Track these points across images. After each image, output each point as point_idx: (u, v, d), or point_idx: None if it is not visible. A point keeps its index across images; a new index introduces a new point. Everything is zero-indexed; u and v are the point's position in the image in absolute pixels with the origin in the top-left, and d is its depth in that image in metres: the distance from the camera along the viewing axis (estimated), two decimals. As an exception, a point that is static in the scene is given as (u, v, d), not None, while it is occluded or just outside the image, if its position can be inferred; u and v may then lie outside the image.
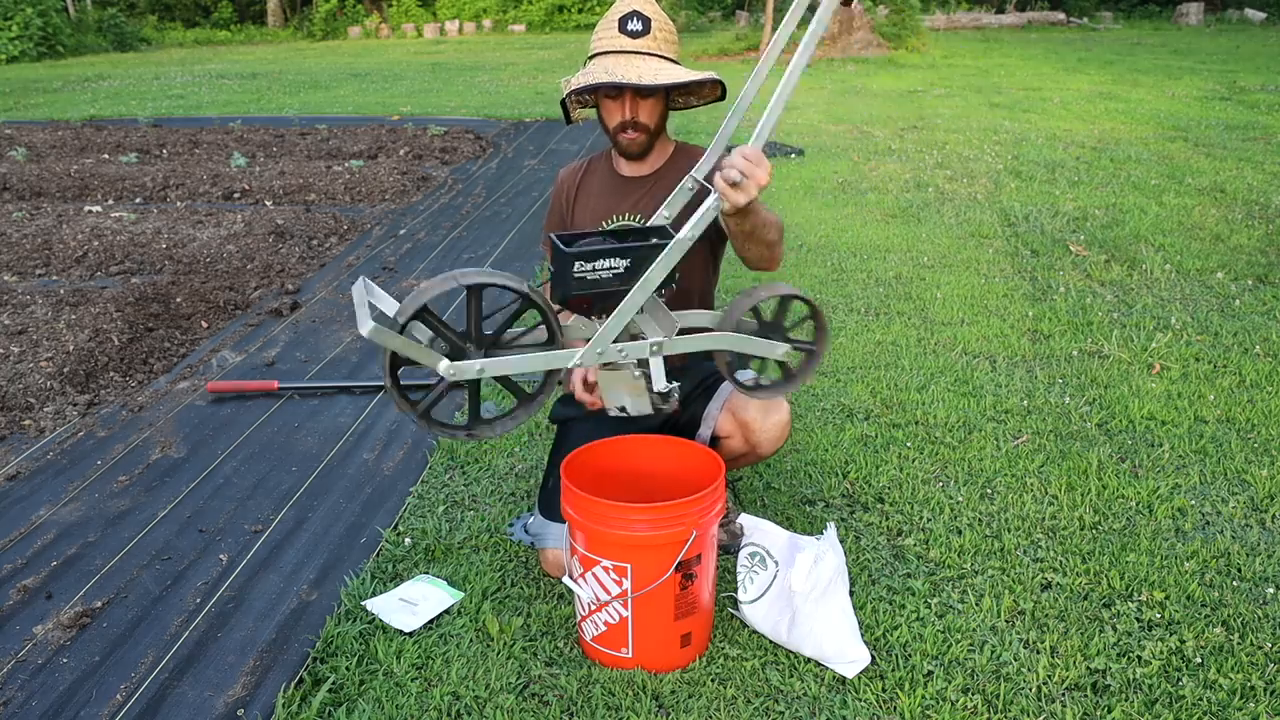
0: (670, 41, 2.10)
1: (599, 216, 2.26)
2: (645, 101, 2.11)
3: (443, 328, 1.63)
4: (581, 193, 2.32)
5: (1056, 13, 25.13)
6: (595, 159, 2.36)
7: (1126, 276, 4.39)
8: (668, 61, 2.08)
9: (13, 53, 19.41)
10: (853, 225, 5.35)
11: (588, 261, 1.63)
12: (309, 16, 28.44)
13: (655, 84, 2.02)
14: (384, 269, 4.81)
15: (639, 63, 2.04)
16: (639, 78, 2.01)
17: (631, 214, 2.23)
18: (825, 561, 1.96)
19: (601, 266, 1.64)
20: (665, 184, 2.17)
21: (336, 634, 2.06)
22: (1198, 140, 7.78)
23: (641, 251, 1.65)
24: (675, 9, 19.62)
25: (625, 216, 2.23)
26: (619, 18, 2.06)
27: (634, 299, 1.66)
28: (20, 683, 1.94)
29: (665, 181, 2.18)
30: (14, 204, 6.13)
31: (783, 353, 1.82)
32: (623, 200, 2.25)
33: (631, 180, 2.26)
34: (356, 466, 2.83)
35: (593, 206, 2.29)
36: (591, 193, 2.31)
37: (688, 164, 2.16)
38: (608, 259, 1.64)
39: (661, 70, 2.04)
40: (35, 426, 3.10)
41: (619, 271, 1.65)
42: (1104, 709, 1.82)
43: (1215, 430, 2.91)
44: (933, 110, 9.82)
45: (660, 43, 2.08)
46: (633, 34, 2.05)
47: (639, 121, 2.12)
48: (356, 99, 11.96)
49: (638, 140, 2.16)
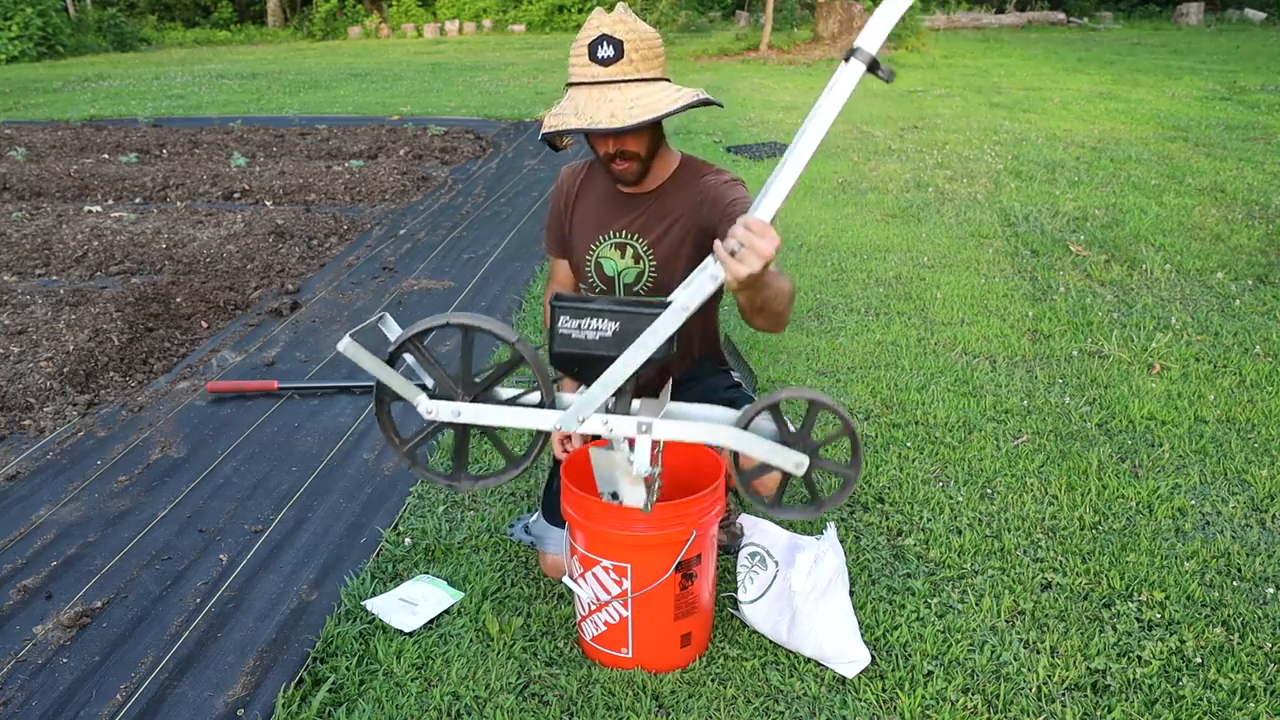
0: (650, 57, 1.90)
1: (595, 230, 2.17)
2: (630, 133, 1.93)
3: (433, 366, 1.62)
4: (581, 198, 2.21)
5: (1056, 13, 25.13)
6: (594, 163, 2.24)
7: (1126, 276, 4.39)
8: (648, 84, 1.88)
9: (13, 53, 19.41)
10: (853, 225, 5.35)
11: (574, 319, 1.55)
12: (309, 16, 28.43)
13: (628, 126, 1.84)
14: (384, 269, 4.81)
15: (613, 95, 1.86)
16: (611, 116, 1.84)
17: (628, 232, 2.12)
18: (825, 561, 1.97)
19: (588, 326, 1.54)
20: (668, 202, 2.10)
21: (336, 634, 2.06)
22: (1198, 140, 7.78)
23: (633, 317, 1.52)
24: (675, 9, 19.61)
25: (621, 234, 2.13)
26: (588, 44, 1.87)
27: (622, 367, 1.54)
28: (20, 683, 1.94)
29: (668, 199, 2.10)
30: (14, 204, 6.13)
31: (797, 466, 1.59)
32: (620, 217, 2.13)
33: (632, 197, 2.13)
34: (356, 466, 2.83)
35: (590, 217, 2.18)
36: (590, 200, 2.19)
37: (692, 182, 2.08)
38: (595, 319, 1.54)
39: (639, 100, 1.86)
40: (35, 426, 3.10)
41: (606, 335, 1.54)
42: (1104, 709, 1.82)
43: (1215, 430, 2.91)
44: (933, 110, 9.82)
45: (637, 64, 1.87)
46: (604, 61, 1.86)
47: (627, 151, 1.98)
48: (356, 99, 11.96)
49: (630, 170, 2.02)
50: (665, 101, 1.86)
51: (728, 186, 2.05)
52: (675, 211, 2.09)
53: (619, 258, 2.14)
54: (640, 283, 2.14)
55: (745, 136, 8.35)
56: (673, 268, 2.09)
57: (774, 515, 1.73)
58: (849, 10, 16.27)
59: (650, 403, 1.64)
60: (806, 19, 18.70)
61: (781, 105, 10.40)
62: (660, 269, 2.12)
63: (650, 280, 2.13)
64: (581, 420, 1.59)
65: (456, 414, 1.62)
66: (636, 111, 1.84)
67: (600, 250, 2.16)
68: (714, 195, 2.04)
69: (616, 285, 2.16)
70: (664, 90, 1.89)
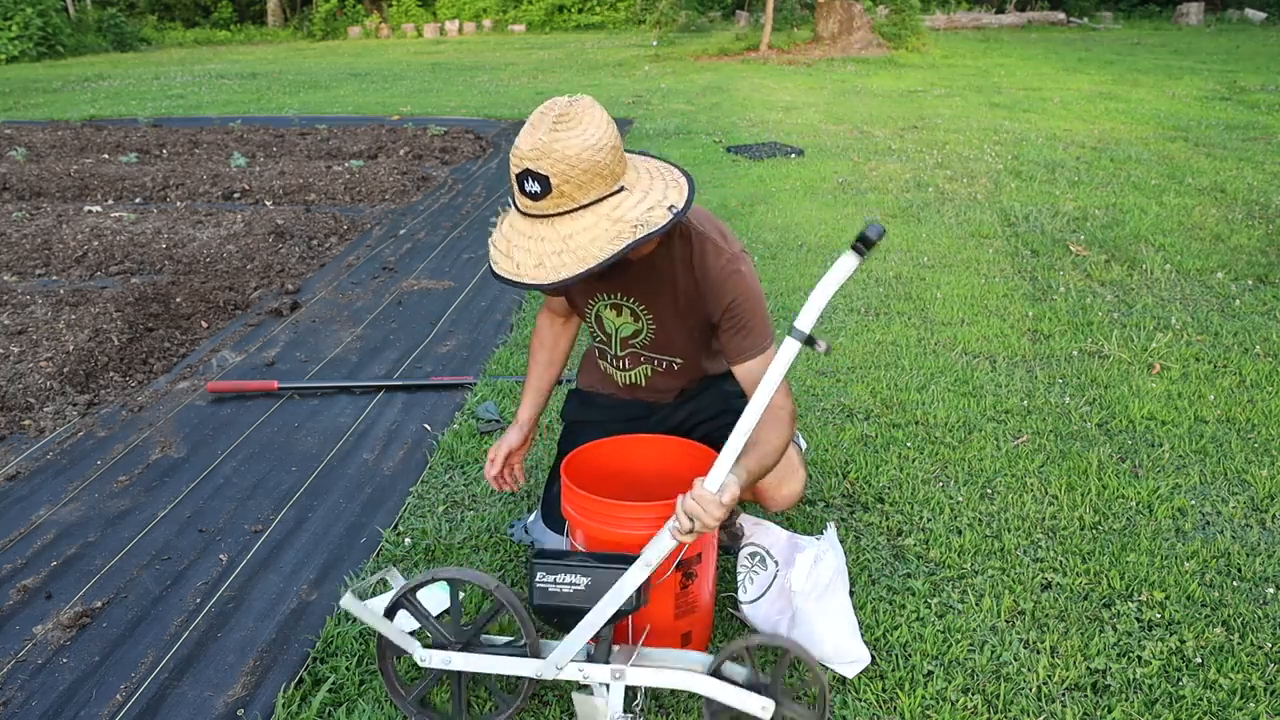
0: (585, 183, 1.63)
1: (588, 290, 2.05)
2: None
3: (425, 620, 1.77)
4: None
5: (1056, 13, 25.13)
6: None
7: (1126, 276, 4.39)
8: (586, 212, 1.65)
9: (13, 53, 19.42)
10: (853, 225, 5.34)
11: (550, 574, 1.68)
12: (309, 16, 28.45)
13: (546, 284, 1.64)
14: (384, 269, 4.81)
15: (544, 232, 1.65)
16: (537, 266, 1.64)
17: (621, 294, 2.01)
18: (825, 561, 1.97)
19: (563, 581, 1.68)
20: (659, 264, 1.94)
21: (336, 634, 2.06)
22: (1198, 140, 7.78)
23: (603, 573, 1.66)
24: (675, 9, 19.61)
25: (615, 295, 2.02)
26: (515, 175, 1.66)
27: (595, 616, 1.65)
28: (20, 683, 1.94)
29: (659, 260, 1.93)
30: (14, 204, 6.13)
31: (763, 709, 1.65)
32: (610, 280, 1.97)
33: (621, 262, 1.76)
34: (356, 466, 2.83)
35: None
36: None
37: (687, 249, 1.91)
38: (569, 574, 1.67)
39: (570, 241, 1.63)
40: (35, 426, 3.10)
41: (579, 588, 1.67)
42: (1104, 709, 1.82)
43: (1215, 430, 2.91)
44: (933, 110, 9.82)
45: (571, 193, 1.63)
46: (532, 196, 1.65)
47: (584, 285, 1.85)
48: (356, 99, 11.96)
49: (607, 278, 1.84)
50: (599, 243, 1.63)
51: (729, 279, 1.90)
52: (669, 276, 1.95)
53: (615, 317, 2.07)
54: (639, 338, 2.07)
55: (745, 136, 8.35)
56: (671, 327, 2.03)
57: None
58: (849, 10, 16.27)
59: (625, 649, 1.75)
60: (806, 19, 18.69)
61: (781, 105, 10.40)
62: (660, 328, 2.04)
63: (649, 336, 2.06)
64: (560, 668, 1.70)
65: (448, 662, 1.76)
66: (565, 259, 1.63)
67: (598, 307, 2.07)
68: (715, 291, 1.91)
69: (614, 340, 2.11)
70: (602, 223, 1.65)
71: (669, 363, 2.10)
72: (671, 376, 2.13)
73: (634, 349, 2.10)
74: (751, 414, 1.55)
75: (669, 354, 2.08)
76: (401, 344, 3.82)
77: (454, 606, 1.79)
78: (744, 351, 1.93)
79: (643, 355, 2.10)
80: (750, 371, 1.93)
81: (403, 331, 3.96)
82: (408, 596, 1.77)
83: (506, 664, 1.74)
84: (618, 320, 2.07)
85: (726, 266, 1.89)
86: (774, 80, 12.96)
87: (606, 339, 2.12)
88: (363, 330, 3.97)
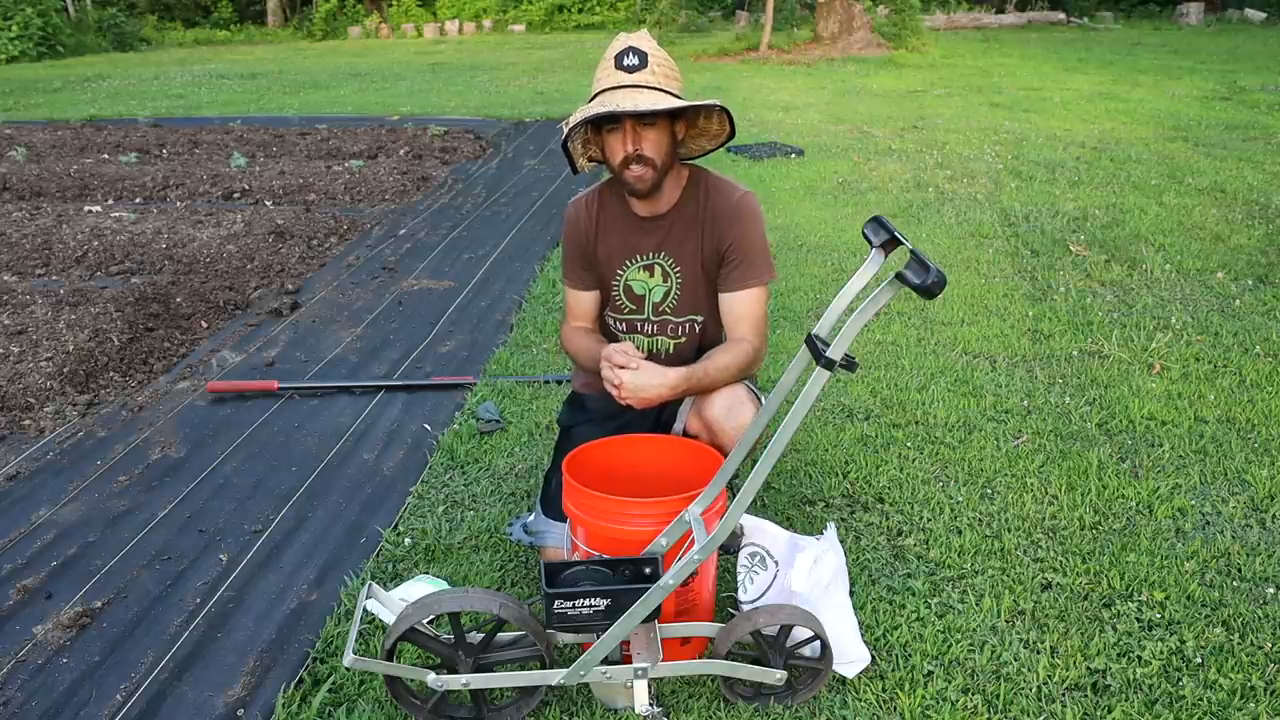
0: (670, 76, 2.05)
1: (623, 255, 2.24)
2: (648, 133, 2.03)
3: (430, 643, 1.76)
4: (602, 231, 2.25)
5: (1056, 12, 25.11)
6: (604, 190, 2.27)
7: (1126, 276, 4.39)
8: (668, 95, 2.02)
9: (13, 53, 19.41)
10: (853, 225, 5.34)
11: (568, 600, 1.70)
12: (309, 16, 28.43)
13: (653, 109, 1.97)
14: (384, 269, 4.81)
15: (636, 94, 2.00)
16: (635, 105, 1.97)
17: (654, 253, 2.21)
18: (825, 561, 1.97)
19: (582, 604, 1.71)
20: (684, 219, 2.19)
21: (336, 634, 2.06)
22: (1198, 140, 7.78)
23: (622, 593, 1.70)
24: (675, 9, 19.61)
25: (649, 255, 2.22)
26: (614, 54, 2.03)
27: (619, 629, 1.70)
28: (20, 683, 1.95)
29: (684, 216, 2.19)
30: (14, 204, 6.13)
31: (778, 679, 1.80)
32: (645, 240, 2.22)
33: (649, 220, 2.21)
34: (356, 467, 2.83)
35: (617, 245, 2.24)
36: (613, 230, 2.24)
37: (704, 197, 2.18)
38: (588, 598, 1.71)
39: (660, 100, 1.99)
40: (35, 426, 3.10)
41: (599, 609, 1.71)
42: (1104, 709, 1.82)
43: (1215, 430, 2.91)
44: (933, 110, 9.82)
45: (659, 77, 2.02)
46: (629, 69, 2.01)
47: (644, 155, 2.04)
48: (356, 99, 11.96)
49: (644, 176, 2.07)
50: (685, 101, 2.01)
51: (741, 210, 2.18)
52: (693, 227, 2.19)
53: (648, 278, 2.24)
54: (667, 300, 2.24)
55: (745, 136, 8.34)
56: (694, 283, 2.22)
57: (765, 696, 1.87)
58: (849, 10, 16.27)
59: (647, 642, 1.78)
60: (806, 19, 18.69)
61: (781, 105, 10.39)
62: (684, 286, 2.22)
63: (675, 298, 2.24)
64: (583, 675, 1.75)
65: (465, 684, 1.75)
66: (659, 98, 1.99)
67: (629, 273, 2.25)
68: (728, 222, 2.18)
69: (646, 303, 2.26)
70: (678, 101, 2.02)
71: (691, 323, 2.25)
72: (691, 341, 2.27)
73: (665, 315, 2.25)
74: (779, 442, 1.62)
75: (694, 312, 2.24)
76: (401, 344, 3.82)
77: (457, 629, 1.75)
78: (735, 282, 2.17)
79: (669, 322, 2.26)
80: (737, 300, 2.17)
81: (403, 331, 3.96)
82: (406, 636, 1.73)
83: (527, 678, 1.77)
84: (650, 282, 2.24)
85: (742, 200, 2.18)
86: (774, 80, 12.96)
87: (637, 305, 2.26)
88: (363, 330, 3.97)
